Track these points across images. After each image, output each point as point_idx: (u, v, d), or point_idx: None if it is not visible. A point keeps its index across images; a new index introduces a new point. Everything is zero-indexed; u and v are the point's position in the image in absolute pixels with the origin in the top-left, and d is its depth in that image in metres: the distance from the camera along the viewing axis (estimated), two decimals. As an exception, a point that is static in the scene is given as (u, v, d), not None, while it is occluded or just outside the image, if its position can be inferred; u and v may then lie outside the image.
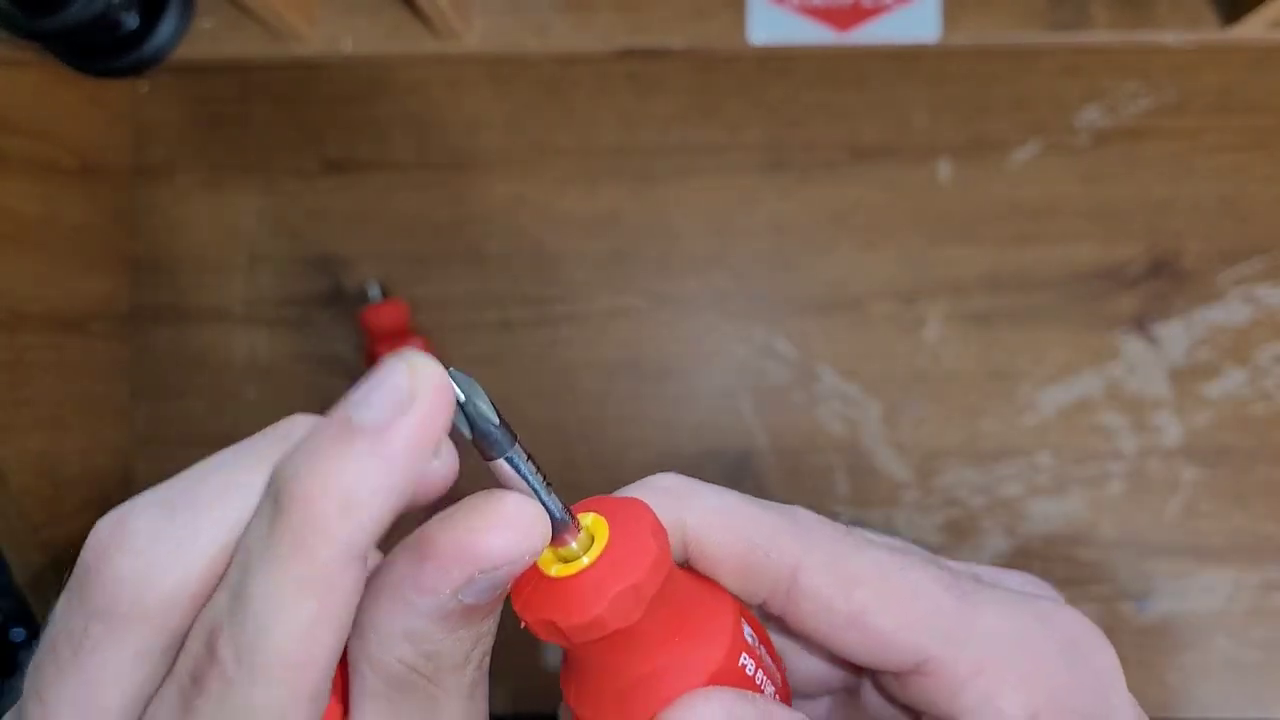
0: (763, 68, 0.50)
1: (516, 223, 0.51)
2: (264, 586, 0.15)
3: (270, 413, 0.56)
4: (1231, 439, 0.49)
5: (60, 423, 0.47)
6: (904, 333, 0.50)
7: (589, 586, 0.17)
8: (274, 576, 0.15)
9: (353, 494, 0.15)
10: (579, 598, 0.17)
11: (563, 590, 0.17)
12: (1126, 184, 0.49)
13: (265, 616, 0.15)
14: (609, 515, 0.18)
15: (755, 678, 0.19)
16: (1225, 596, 0.49)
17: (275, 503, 0.16)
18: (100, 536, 0.17)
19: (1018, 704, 0.19)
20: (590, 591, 0.17)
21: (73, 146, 0.49)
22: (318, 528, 0.15)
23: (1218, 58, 0.49)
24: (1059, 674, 0.19)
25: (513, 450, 0.17)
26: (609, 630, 0.17)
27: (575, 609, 0.17)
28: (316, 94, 0.52)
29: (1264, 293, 0.49)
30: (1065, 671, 0.19)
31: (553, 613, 0.17)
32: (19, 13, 0.34)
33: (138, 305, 0.53)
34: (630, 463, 0.50)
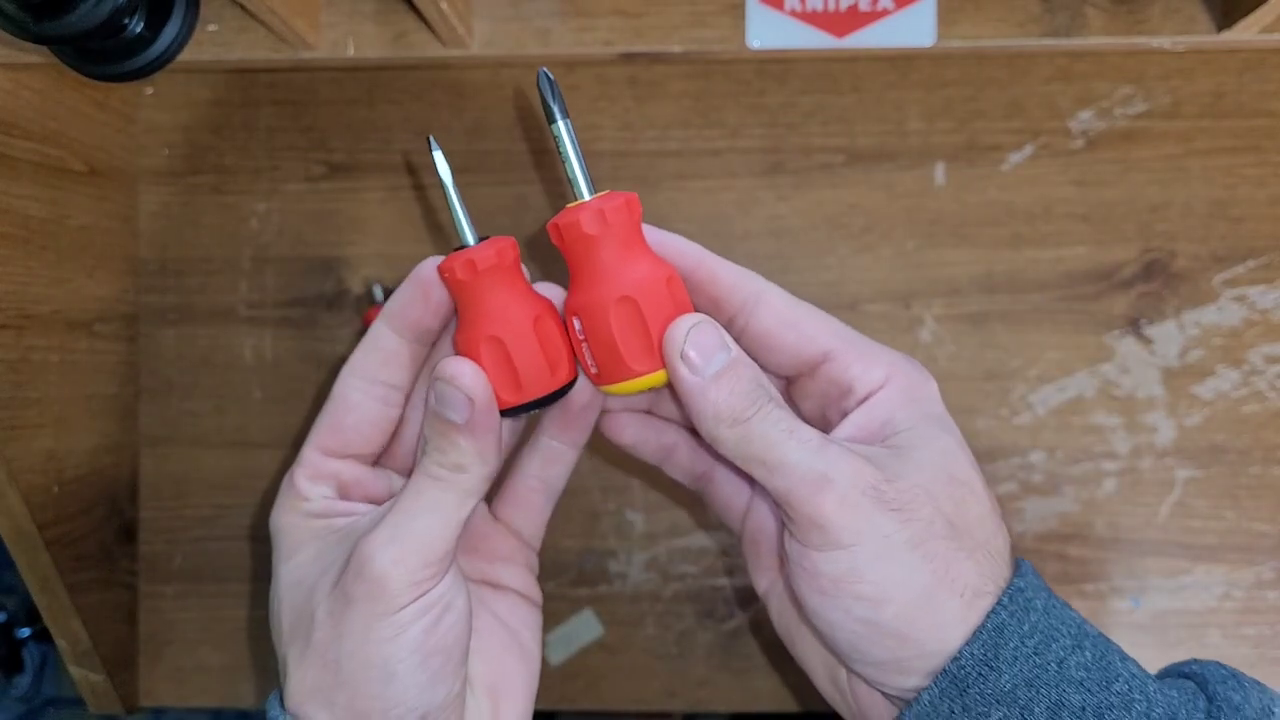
0: (761, 73, 0.51)
1: (518, 225, 0.52)
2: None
3: (276, 413, 0.57)
4: (1224, 439, 0.50)
5: (66, 423, 0.48)
6: (900, 333, 0.51)
7: (577, 209, 0.29)
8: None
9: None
10: (571, 212, 0.29)
11: (566, 212, 0.29)
12: (1120, 187, 0.50)
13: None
14: (612, 193, 0.30)
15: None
16: (1218, 594, 0.50)
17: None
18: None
19: (880, 370, 0.30)
20: (579, 212, 0.29)
21: (79, 149, 0.49)
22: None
23: (1211, 62, 0.50)
24: (906, 368, 0.31)
25: (565, 122, 0.30)
26: (581, 231, 0.29)
27: (565, 215, 0.29)
28: (321, 98, 0.52)
29: (1256, 294, 0.50)
30: (907, 367, 0.31)
31: (557, 220, 0.29)
32: (26, 17, 0.35)
33: (143, 306, 0.53)
34: (631, 462, 0.51)
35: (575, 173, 0.29)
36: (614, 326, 0.28)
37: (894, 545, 0.26)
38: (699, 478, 0.36)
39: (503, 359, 0.29)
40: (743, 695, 0.51)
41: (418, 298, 0.30)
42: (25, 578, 0.47)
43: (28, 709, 0.67)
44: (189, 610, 0.53)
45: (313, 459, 0.30)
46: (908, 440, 0.29)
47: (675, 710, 0.52)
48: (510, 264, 0.29)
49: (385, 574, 0.26)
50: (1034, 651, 0.26)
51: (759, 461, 0.27)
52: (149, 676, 0.53)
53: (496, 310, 0.29)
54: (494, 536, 0.34)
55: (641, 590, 0.52)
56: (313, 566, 0.29)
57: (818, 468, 0.27)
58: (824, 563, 0.27)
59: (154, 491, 0.53)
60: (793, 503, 0.27)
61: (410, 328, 0.30)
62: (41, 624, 0.51)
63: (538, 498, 0.34)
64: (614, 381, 0.29)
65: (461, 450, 0.28)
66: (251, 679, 0.53)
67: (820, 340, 0.30)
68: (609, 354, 0.29)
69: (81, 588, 0.48)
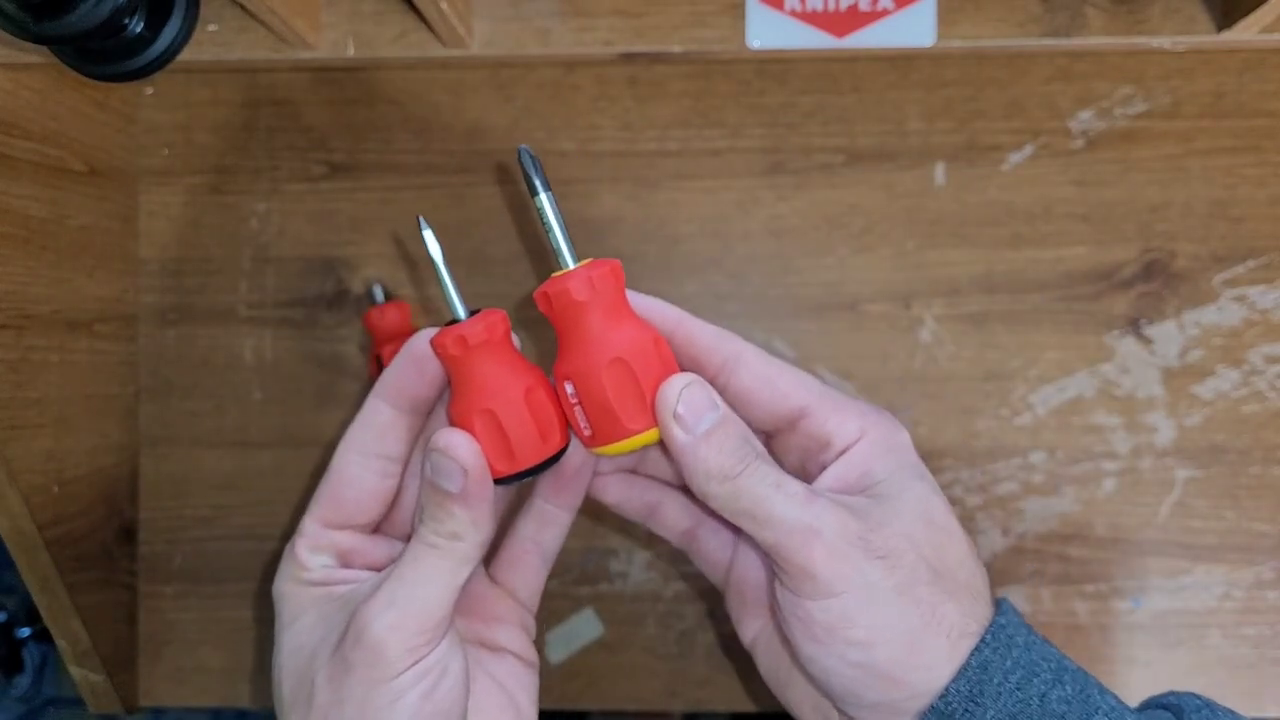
0: (761, 73, 0.51)
1: (518, 225, 0.52)
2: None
3: (275, 413, 0.57)
4: (1224, 439, 0.50)
5: (66, 423, 0.48)
6: (900, 334, 0.51)
7: (564, 277, 0.30)
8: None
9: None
10: (559, 280, 0.30)
11: (553, 281, 0.30)
12: (1120, 187, 0.50)
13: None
14: (595, 261, 0.31)
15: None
16: (1218, 594, 0.50)
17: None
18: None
19: (855, 424, 0.31)
20: (565, 278, 0.30)
21: (79, 149, 0.49)
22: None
23: (1211, 62, 0.50)
24: (880, 421, 0.32)
25: (547, 194, 0.31)
26: (571, 299, 0.30)
27: (553, 283, 0.30)
28: (321, 98, 0.52)
29: (1256, 294, 0.50)
30: (881, 420, 0.32)
31: (544, 288, 0.30)
32: (26, 17, 0.35)
33: (143, 306, 0.53)
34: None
35: (560, 243, 0.31)
36: (608, 388, 0.29)
37: (882, 591, 0.28)
38: (683, 534, 0.37)
39: (495, 430, 0.30)
40: (743, 695, 0.51)
41: (412, 372, 0.31)
42: (25, 578, 0.47)
43: (28, 709, 0.67)
44: (189, 610, 0.53)
45: (312, 530, 0.31)
46: (886, 490, 0.30)
47: (675, 710, 0.52)
48: (500, 337, 0.30)
49: (382, 640, 0.27)
50: (1017, 687, 0.27)
51: (749, 515, 0.28)
52: (149, 676, 0.53)
53: (488, 383, 0.30)
54: (491, 598, 0.34)
55: (642, 589, 0.52)
56: (313, 633, 0.30)
57: (805, 520, 0.28)
58: (817, 611, 0.28)
59: (154, 491, 0.53)
60: (783, 554, 0.28)
61: (406, 400, 0.31)
62: (41, 624, 0.51)
63: (533, 560, 0.35)
64: (609, 442, 0.30)
65: (457, 519, 0.29)
66: (251, 679, 0.53)
67: (796, 397, 0.32)
68: (603, 415, 0.30)
69: (81, 588, 0.48)
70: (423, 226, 0.31)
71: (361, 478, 0.31)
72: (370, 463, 0.31)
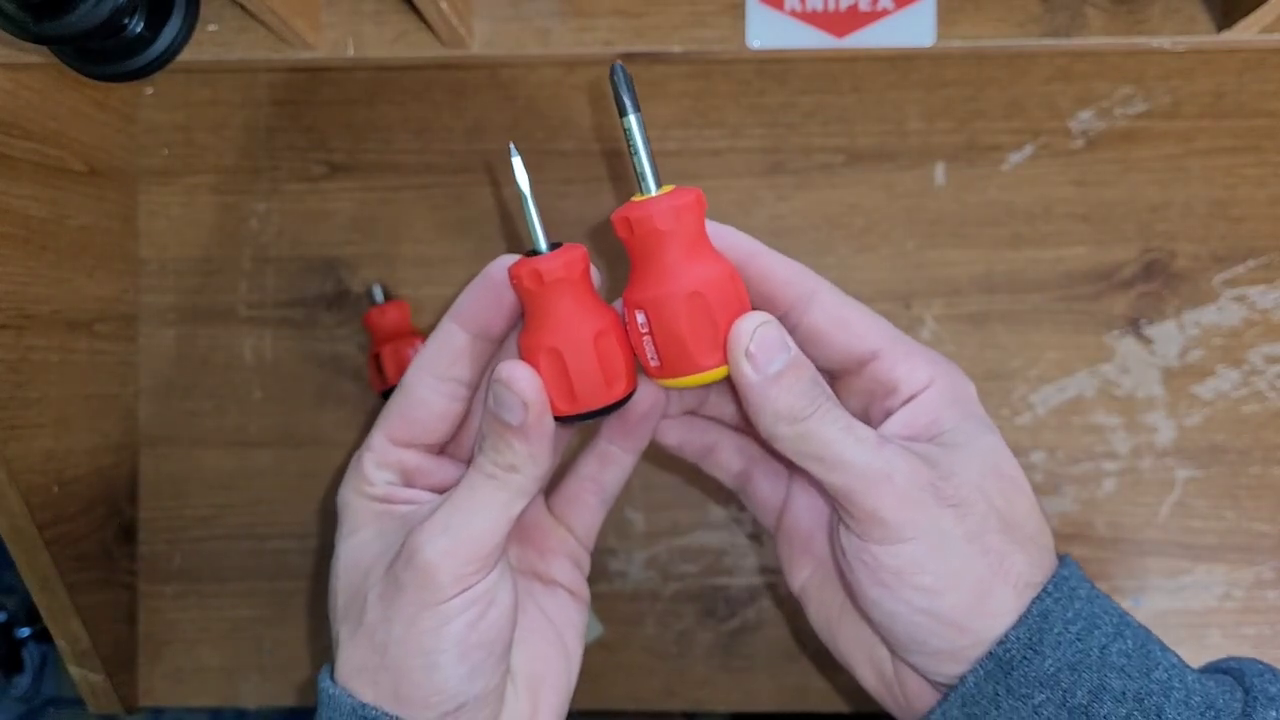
0: (761, 73, 0.51)
1: (518, 225, 0.52)
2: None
3: (275, 413, 0.57)
4: (1224, 439, 0.50)
5: (66, 423, 0.48)
6: (900, 334, 0.51)
7: (647, 203, 0.29)
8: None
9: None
10: (643, 206, 0.29)
11: (636, 205, 0.29)
12: (1120, 187, 0.50)
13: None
14: (679, 189, 0.30)
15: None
16: (1218, 594, 0.50)
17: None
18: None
19: (925, 372, 0.31)
20: (650, 204, 0.29)
21: (79, 149, 0.49)
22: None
23: (1211, 62, 0.50)
24: (950, 371, 0.31)
25: (636, 115, 0.30)
26: (653, 226, 0.29)
27: (636, 209, 0.29)
28: (321, 97, 0.52)
29: (1256, 294, 0.50)
30: (950, 370, 0.31)
31: (626, 213, 0.29)
32: (26, 17, 0.35)
33: (143, 306, 0.53)
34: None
35: (644, 167, 0.30)
36: (683, 322, 0.29)
37: (952, 539, 0.28)
38: (737, 475, 0.36)
39: (560, 369, 0.29)
40: (742, 695, 0.51)
41: (488, 299, 0.31)
42: (25, 578, 0.47)
43: (27, 709, 0.67)
44: (188, 610, 0.53)
45: (380, 445, 0.31)
46: (954, 439, 0.30)
47: (674, 710, 0.52)
48: (578, 276, 0.30)
49: (434, 565, 0.28)
50: (1077, 637, 0.27)
51: (817, 458, 0.28)
52: (148, 676, 0.53)
53: (559, 322, 0.29)
54: (548, 530, 0.34)
55: (641, 589, 0.52)
56: (370, 548, 0.30)
57: (876, 465, 0.28)
58: (885, 555, 0.28)
59: (154, 491, 0.53)
60: (853, 498, 0.28)
61: (478, 327, 0.31)
62: (41, 624, 0.51)
63: (592, 499, 0.35)
64: (678, 375, 0.30)
65: (515, 451, 0.29)
66: (250, 679, 0.53)
67: (870, 340, 0.31)
68: (675, 348, 0.29)
69: (81, 588, 0.48)
70: (513, 154, 0.31)
71: (430, 399, 0.31)
72: (440, 385, 0.31)
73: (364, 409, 0.52)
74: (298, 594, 0.53)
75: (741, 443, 0.36)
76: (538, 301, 0.29)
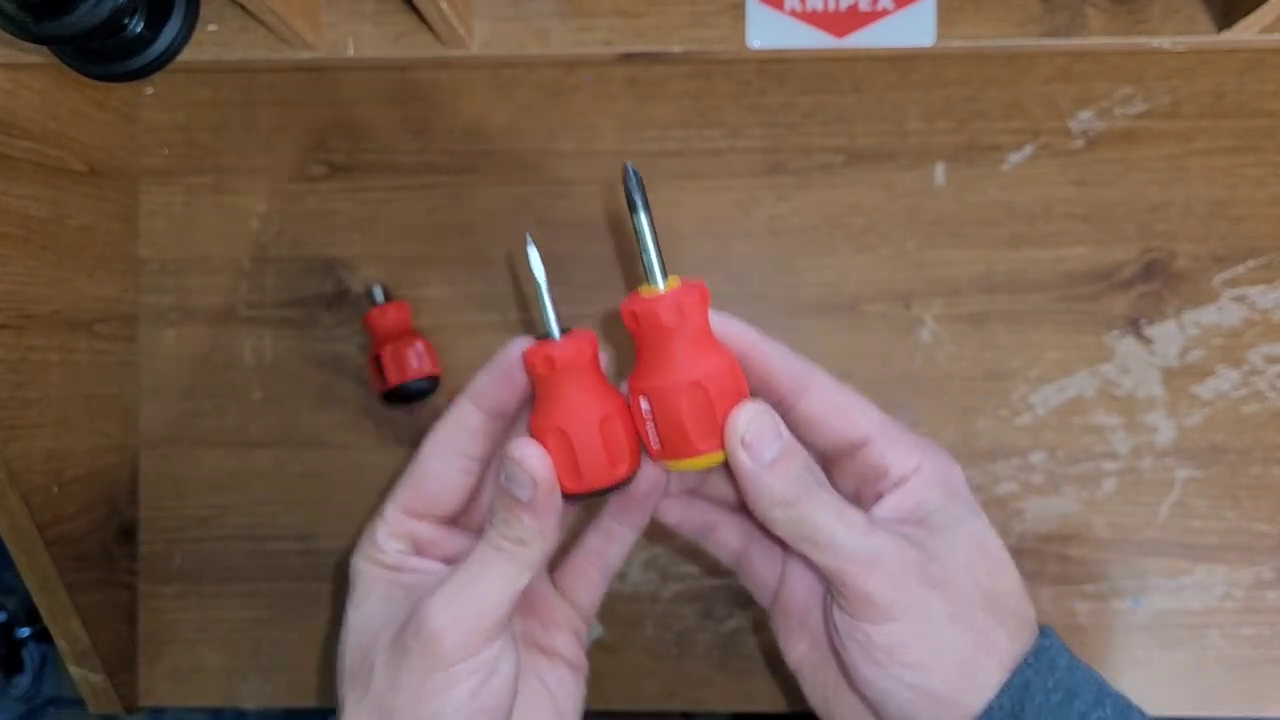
0: (761, 73, 0.51)
1: (518, 225, 0.52)
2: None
3: (275, 413, 0.57)
4: (1224, 439, 0.50)
5: (66, 423, 0.48)
6: (900, 334, 0.51)
7: (656, 299, 0.31)
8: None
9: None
10: (649, 303, 0.31)
11: (643, 300, 0.31)
12: (1120, 187, 0.50)
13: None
14: (684, 283, 0.32)
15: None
16: (1218, 594, 0.50)
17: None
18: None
19: (914, 457, 0.32)
20: (656, 301, 0.31)
21: (79, 149, 0.49)
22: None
23: (1211, 62, 0.50)
24: (937, 456, 0.33)
25: (646, 214, 0.31)
26: (658, 321, 0.31)
27: (643, 304, 0.31)
28: (321, 97, 0.52)
29: (1256, 294, 0.50)
30: (937, 455, 0.33)
31: (633, 306, 0.31)
32: (26, 17, 0.35)
33: (143, 306, 0.53)
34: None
35: (652, 262, 0.32)
36: (684, 409, 0.31)
37: (939, 618, 0.29)
38: (735, 553, 0.38)
39: (567, 450, 0.31)
40: (742, 695, 0.51)
41: (501, 380, 0.32)
42: (25, 578, 0.47)
43: (27, 709, 0.67)
44: (188, 610, 0.53)
45: (394, 516, 0.33)
46: (941, 521, 0.31)
47: (674, 710, 0.52)
48: (587, 362, 0.32)
49: (441, 633, 0.29)
50: (1057, 706, 0.28)
51: (810, 541, 0.30)
52: (148, 676, 0.53)
53: (568, 405, 0.31)
54: (551, 603, 0.36)
55: (641, 590, 0.52)
56: (378, 616, 0.31)
57: (866, 548, 0.29)
58: (876, 634, 0.29)
59: (154, 491, 0.53)
60: (845, 579, 0.29)
61: (492, 406, 0.33)
62: (41, 624, 0.51)
63: (595, 573, 0.37)
64: (678, 458, 0.32)
65: (524, 526, 0.30)
66: (250, 679, 0.53)
67: (862, 426, 0.33)
68: (676, 433, 0.31)
69: (81, 588, 0.48)
70: (529, 244, 0.33)
71: (444, 473, 0.33)
72: (453, 460, 0.33)
73: (364, 410, 0.52)
74: (298, 594, 0.53)
75: (739, 522, 0.37)
76: (549, 385, 0.32)
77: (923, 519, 0.31)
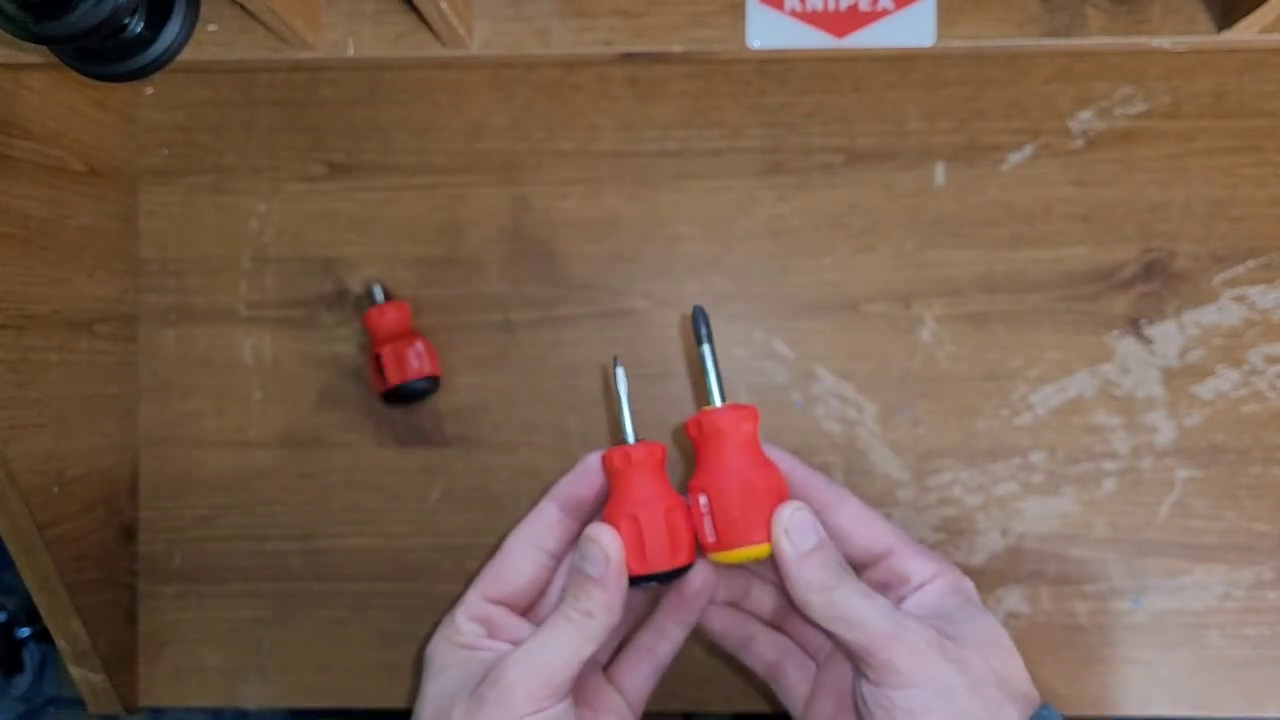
0: (761, 73, 0.51)
1: (518, 225, 0.52)
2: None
3: (275, 413, 0.57)
4: (1224, 439, 0.50)
5: (66, 423, 0.48)
6: (900, 334, 0.51)
7: (715, 412, 0.38)
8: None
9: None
10: (712, 414, 0.38)
11: (705, 413, 0.38)
12: (1120, 187, 0.50)
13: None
14: (739, 405, 0.38)
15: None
16: (1218, 594, 0.50)
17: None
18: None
19: (931, 568, 0.37)
20: (716, 414, 0.37)
21: (79, 149, 0.49)
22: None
23: (1211, 62, 0.50)
24: (951, 567, 0.38)
25: (710, 346, 0.38)
26: (718, 429, 0.37)
27: (707, 416, 0.38)
28: (321, 98, 0.52)
29: (1256, 294, 0.50)
30: (952, 567, 0.38)
31: (698, 419, 0.38)
32: (26, 16, 0.35)
33: (143, 306, 0.53)
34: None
35: (713, 386, 0.38)
36: (737, 503, 0.36)
37: (955, 687, 0.33)
38: (770, 665, 0.42)
39: (636, 534, 0.36)
40: (743, 695, 0.52)
41: (581, 481, 0.39)
42: (25, 577, 0.47)
43: (27, 709, 0.67)
44: (188, 610, 0.53)
45: (474, 601, 0.38)
46: (957, 618, 0.36)
47: (674, 710, 0.53)
48: (657, 462, 0.38)
49: (515, 685, 0.33)
50: None
51: (842, 620, 0.34)
52: (148, 676, 0.53)
53: (639, 494, 0.37)
54: (604, 693, 0.40)
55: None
56: (454, 682, 0.35)
57: (891, 624, 0.34)
58: (899, 698, 0.33)
59: (154, 491, 0.53)
60: (872, 651, 0.33)
61: (571, 504, 0.39)
62: (41, 624, 0.51)
63: (646, 667, 0.41)
64: (730, 548, 0.36)
65: (593, 599, 0.35)
66: (250, 679, 0.53)
67: (886, 539, 0.38)
68: (729, 525, 0.36)
69: (81, 587, 0.48)
70: (616, 365, 0.39)
71: (522, 565, 0.38)
72: (532, 553, 0.38)
73: (364, 410, 0.52)
74: (298, 594, 0.53)
75: (776, 638, 0.42)
76: (623, 479, 0.37)
77: (941, 615, 0.35)
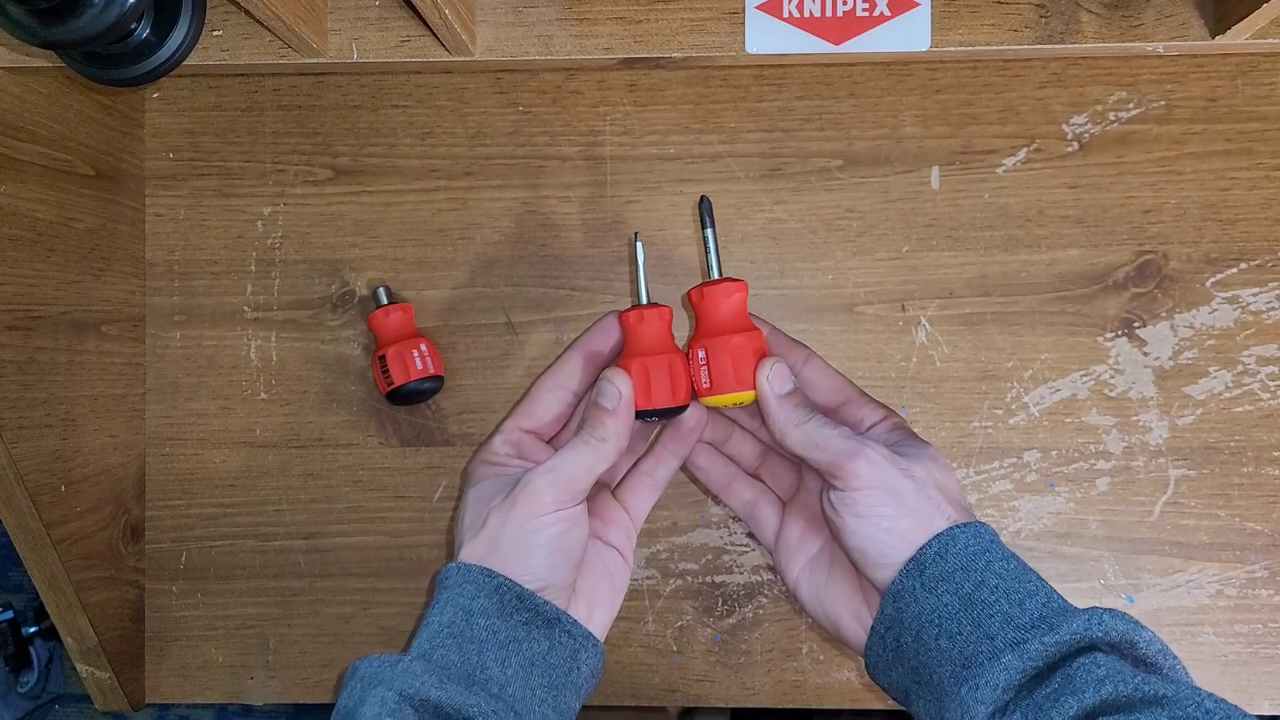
0: (759, 78, 0.51)
1: (520, 228, 0.52)
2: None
3: (281, 413, 0.58)
4: (1217, 439, 0.50)
5: (74, 423, 0.49)
6: (895, 335, 0.51)
7: (714, 284, 0.43)
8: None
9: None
10: (710, 287, 0.43)
11: (705, 285, 0.43)
12: (1114, 190, 0.51)
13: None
14: (731, 279, 0.43)
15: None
16: (1211, 592, 0.50)
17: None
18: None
19: (880, 413, 0.44)
20: (714, 285, 0.43)
21: (86, 153, 0.50)
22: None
23: (1204, 67, 0.50)
24: (897, 414, 0.44)
25: (712, 230, 0.44)
26: (716, 298, 0.43)
27: (706, 289, 0.43)
28: (325, 102, 0.53)
29: (1248, 296, 0.50)
30: (898, 414, 0.45)
31: (700, 289, 0.43)
32: (34, 22, 0.35)
33: (150, 308, 0.54)
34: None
35: (713, 262, 0.44)
36: (729, 357, 0.42)
37: (906, 488, 0.40)
38: (747, 503, 0.48)
39: (644, 377, 0.43)
40: (741, 691, 0.52)
41: (600, 335, 0.45)
42: (33, 576, 0.48)
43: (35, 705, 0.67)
44: (195, 608, 0.54)
45: (509, 429, 0.45)
46: (904, 446, 0.42)
47: (674, 706, 0.53)
48: (666, 321, 0.44)
49: (541, 489, 0.40)
50: (973, 554, 0.39)
51: (814, 445, 0.41)
52: (155, 673, 0.54)
53: (648, 347, 0.43)
54: (612, 508, 0.46)
55: (641, 587, 0.52)
56: (489, 489, 0.42)
57: (853, 444, 0.41)
58: (861, 496, 0.40)
59: (160, 491, 0.54)
60: (839, 464, 0.40)
61: (591, 353, 0.45)
62: (49, 621, 0.51)
63: (646, 489, 0.47)
64: (721, 393, 0.43)
65: (607, 427, 0.42)
66: (256, 677, 0.54)
67: (844, 390, 0.45)
68: (722, 374, 0.43)
69: (88, 586, 0.49)
70: (636, 239, 0.44)
71: (549, 401, 0.45)
72: (557, 391, 0.45)
73: (368, 410, 0.53)
74: (303, 592, 0.53)
75: (751, 481, 0.48)
76: (636, 334, 0.44)
77: (891, 445, 0.42)
